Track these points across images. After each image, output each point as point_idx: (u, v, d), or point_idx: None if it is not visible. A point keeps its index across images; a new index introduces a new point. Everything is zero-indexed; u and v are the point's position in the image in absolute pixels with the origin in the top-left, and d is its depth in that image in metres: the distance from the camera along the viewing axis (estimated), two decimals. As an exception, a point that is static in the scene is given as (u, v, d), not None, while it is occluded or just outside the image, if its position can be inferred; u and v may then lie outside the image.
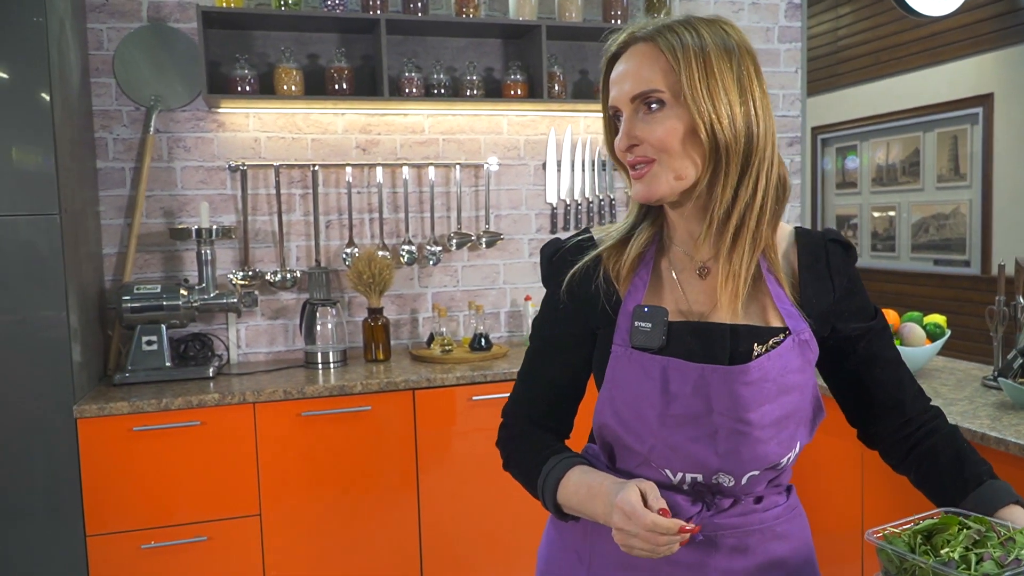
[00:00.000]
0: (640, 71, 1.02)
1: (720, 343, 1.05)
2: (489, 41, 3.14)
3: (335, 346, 2.88)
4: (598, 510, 1.02)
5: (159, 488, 2.43)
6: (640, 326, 1.06)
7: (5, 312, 2.31)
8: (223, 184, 2.94)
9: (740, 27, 3.19)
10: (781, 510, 1.12)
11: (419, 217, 3.14)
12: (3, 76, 2.27)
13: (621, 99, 1.04)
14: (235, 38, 2.88)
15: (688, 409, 1.03)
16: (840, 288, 1.11)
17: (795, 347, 1.05)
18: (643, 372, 1.05)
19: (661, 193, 1.03)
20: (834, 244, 1.12)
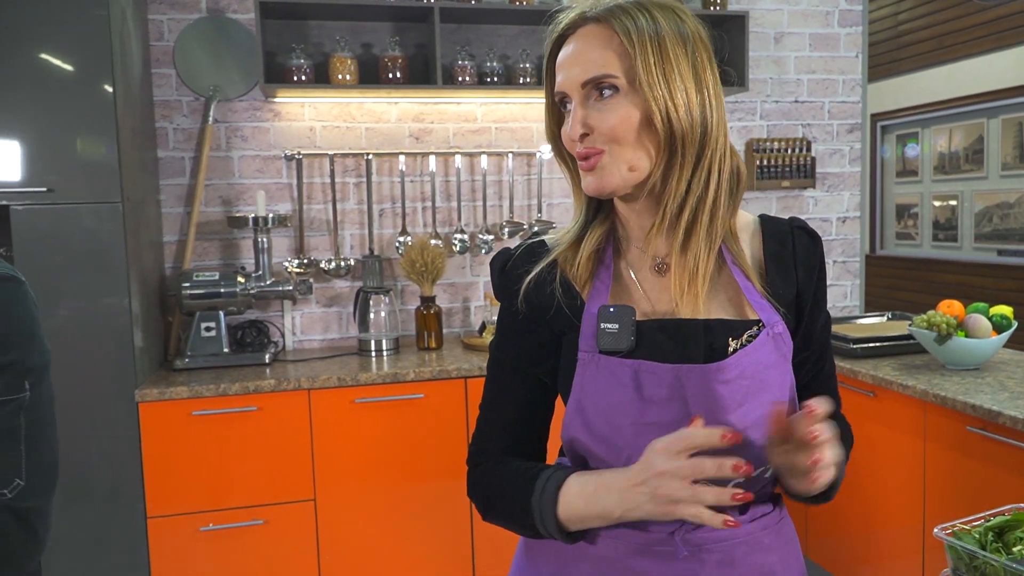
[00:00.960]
0: (592, 54, 0.94)
1: (694, 340, 0.98)
2: (543, 29, 3.11)
3: (388, 334, 2.90)
4: (610, 501, 0.93)
5: (217, 472, 2.48)
6: (606, 328, 0.98)
7: (70, 298, 2.37)
8: (279, 173, 2.98)
9: (800, 11, 3.09)
10: (767, 520, 1.03)
11: (471, 205, 3.14)
12: (68, 67, 2.32)
13: (570, 84, 0.96)
14: (291, 28, 2.91)
15: (664, 415, 0.96)
16: (803, 278, 1.04)
17: (769, 340, 0.99)
18: (613, 378, 0.97)
19: (614, 186, 0.96)
20: (800, 231, 1.05)
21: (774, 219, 1.07)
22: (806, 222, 1.08)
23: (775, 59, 3.36)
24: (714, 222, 0.97)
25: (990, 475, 2.07)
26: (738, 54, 3.08)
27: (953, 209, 5.55)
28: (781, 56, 3.37)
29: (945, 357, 2.44)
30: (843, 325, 2.91)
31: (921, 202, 5.87)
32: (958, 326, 2.42)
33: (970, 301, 2.63)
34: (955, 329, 2.40)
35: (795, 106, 3.40)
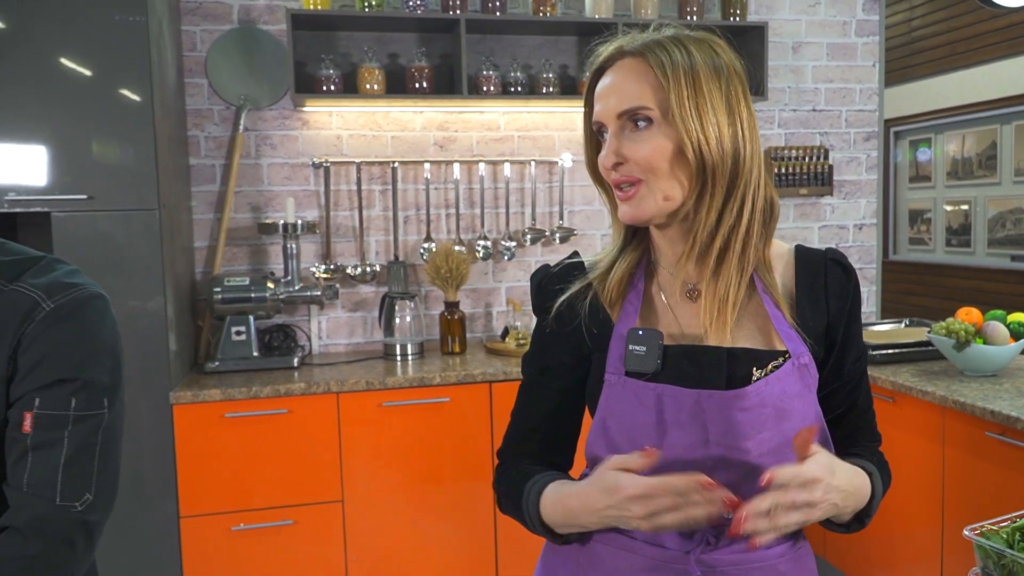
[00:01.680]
0: (628, 86, 0.98)
1: (716, 367, 1.00)
2: (565, 39, 3.18)
3: (413, 338, 2.96)
4: (587, 522, 0.99)
5: (248, 472, 2.54)
6: (635, 349, 1.01)
7: (109, 303, 2.43)
8: (307, 180, 3.04)
9: (818, 21, 3.14)
10: (785, 548, 1.04)
11: (494, 212, 3.20)
12: (107, 78, 2.39)
13: (607, 114, 1.00)
14: (320, 39, 2.97)
15: (684, 438, 0.99)
16: (834, 310, 1.05)
17: (794, 371, 1.01)
18: (637, 401, 1.01)
19: (648, 215, 1.00)
20: (833, 263, 1.07)
21: (809, 250, 1.09)
22: (842, 254, 1.09)
23: (793, 68, 3.41)
24: (746, 251, 1.01)
25: (1008, 479, 2.12)
26: (757, 64, 3.13)
27: (966, 214, 5.58)
28: (799, 65, 3.41)
29: (963, 364, 2.48)
30: (861, 332, 2.95)
31: (934, 207, 5.90)
32: (976, 333, 2.47)
33: (983, 306, 2.67)
34: (973, 336, 2.44)
35: (813, 115, 3.45)
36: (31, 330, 0.97)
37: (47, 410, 0.97)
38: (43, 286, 1.00)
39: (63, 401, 0.98)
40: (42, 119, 2.37)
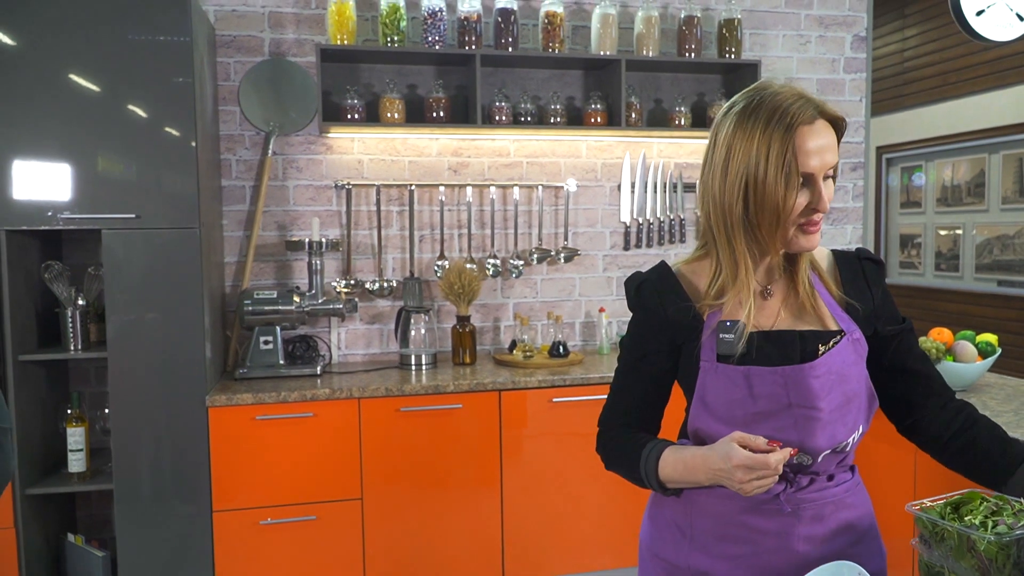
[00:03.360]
0: (833, 147, 1.22)
1: (791, 346, 1.28)
2: (572, 73, 3.41)
3: (427, 349, 3.17)
4: (700, 478, 1.24)
5: (276, 471, 2.74)
6: (724, 337, 1.27)
7: (152, 312, 2.65)
8: (330, 201, 3.27)
9: (808, 59, 3.39)
10: (848, 485, 1.33)
11: (504, 233, 3.42)
12: (154, 107, 2.62)
13: (822, 168, 1.20)
14: (345, 71, 3.21)
15: (771, 405, 1.25)
16: (877, 296, 1.34)
17: (849, 345, 1.29)
18: (729, 381, 1.27)
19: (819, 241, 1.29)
20: (867, 261, 1.36)
21: (844, 252, 1.39)
22: (869, 251, 1.38)
23: (785, 102, 3.63)
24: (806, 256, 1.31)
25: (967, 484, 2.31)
26: (750, 98, 3.35)
27: (955, 240, 5.79)
28: (790, 99, 3.64)
29: (936, 379, 2.69)
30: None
31: (924, 232, 6.12)
32: (947, 351, 2.68)
33: (970, 329, 2.88)
34: (944, 354, 2.65)
35: (803, 145, 3.67)
36: None
37: None
38: None
39: None
40: (90, 141, 2.59)
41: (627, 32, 3.41)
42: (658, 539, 1.40)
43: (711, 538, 1.32)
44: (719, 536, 1.31)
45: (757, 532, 1.29)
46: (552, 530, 2.96)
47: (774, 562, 1.29)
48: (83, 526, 3.09)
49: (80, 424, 2.76)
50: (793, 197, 1.19)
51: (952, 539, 1.21)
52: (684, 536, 1.35)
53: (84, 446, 2.77)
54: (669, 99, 3.47)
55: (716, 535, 1.31)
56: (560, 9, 3.20)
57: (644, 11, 3.29)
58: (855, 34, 3.69)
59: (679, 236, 3.55)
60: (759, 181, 1.19)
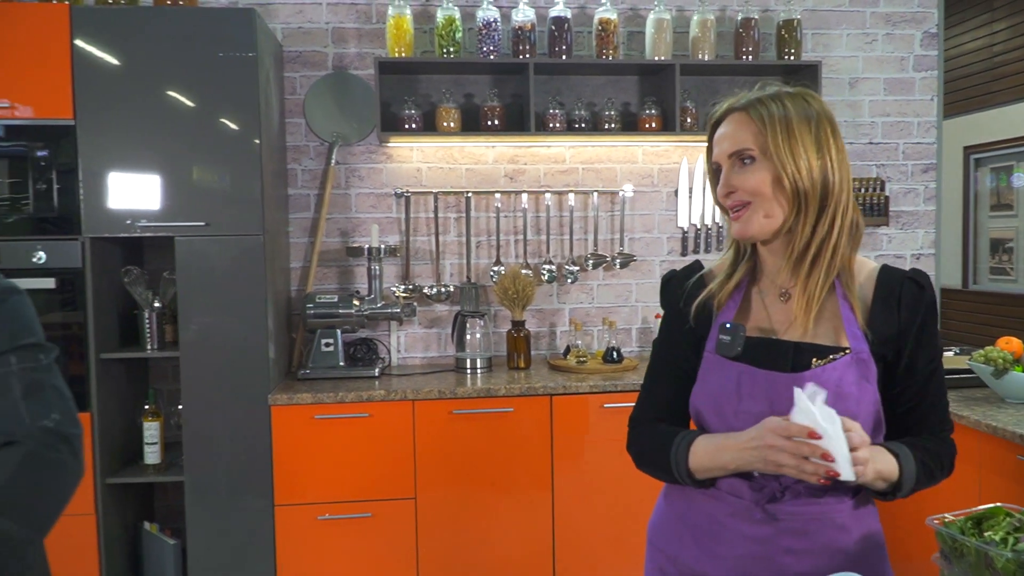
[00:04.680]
0: (736, 134, 1.28)
1: (783, 356, 1.29)
2: (626, 78, 3.43)
3: (482, 353, 3.24)
4: (727, 457, 1.26)
5: (334, 468, 2.85)
6: (723, 338, 1.33)
7: (219, 315, 2.81)
8: (390, 208, 3.38)
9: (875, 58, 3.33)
10: (844, 504, 1.29)
11: (559, 239, 3.46)
12: (224, 121, 2.78)
13: (721, 156, 1.30)
14: (403, 82, 3.31)
15: (755, 407, 1.27)
16: (905, 319, 1.28)
17: (853, 364, 1.26)
18: (723, 373, 1.32)
19: (753, 230, 1.28)
20: (910, 281, 1.30)
21: (894, 269, 1.33)
22: (923, 274, 1.32)
23: (849, 103, 3.55)
24: (833, 260, 1.27)
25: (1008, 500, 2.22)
26: (811, 101, 3.29)
27: (1050, 244, 5.49)
28: (856, 100, 3.56)
29: (1002, 390, 2.58)
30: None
31: (1017, 237, 5.82)
32: (1015, 361, 2.57)
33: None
34: (1011, 364, 2.54)
35: (869, 147, 3.58)
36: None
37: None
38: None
39: (4, 363, 1.20)
40: (164, 152, 2.76)
41: (683, 36, 3.40)
42: (663, 530, 1.43)
43: (703, 534, 1.35)
44: (709, 533, 1.34)
45: (742, 536, 1.30)
46: (603, 535, 2.98)
47: (758, 569, 1.29)
48: (159, 515, 3.28)
49: (155, 419, 2.94)
50: (713, 185, 1.35)
51: (971, 555, 1.18)
52: (685, 529, 1.38)
53: (159, 440, 2.95)
54: (727, 103, 3.43)
55: (707, 532, 1.34)
56: (614, 16, 3.22)
57: (700, 15, 3.27)
58: (925, 31, 3.57)
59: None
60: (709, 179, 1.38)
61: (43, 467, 1.15)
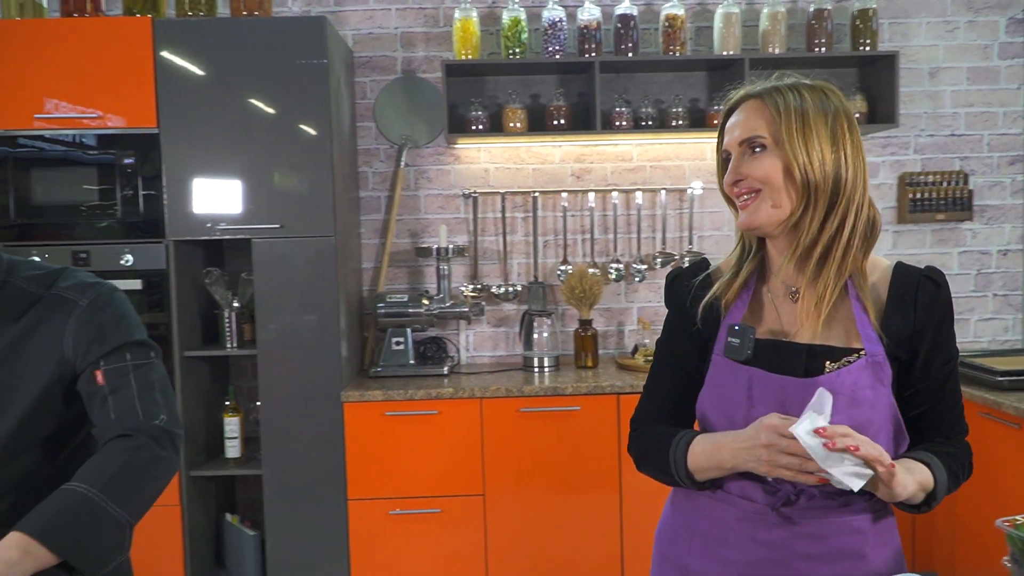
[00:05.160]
0: (748, 121, 1.24)
1: (796, 359, 1.24)
2: (694, 74, 3.38)
3: (549, 352, 3.25)
4: (724, 456, 1.21)
5: (403, 464, 2.91)
6: (731, 341, 1.27)
7: (292, 314, 2.90)
8: (458, 209, 3.43)
9: (956, 46, 3.21)
10: (861, 509, 1.24)
11: (627, 238, 3.45)
12: (297, 126, 2.86)
13: (732, 143, 1.26)
14: (470, 84, 3.35)
15: (764, 412, 1.20)
16: (921, 319, 1.23)
17: (867, 367, 1.21)
18: (732, 378, 1.27)
19: (760, 221, 1.23)
20: (927, 280, 1.25)
21: (908, 267, 1.28)
22: (939, 272, 1.27)
23: (930, 94, 3.43)
24: (845, 259, 1.22)
25: None
26: (888, 92, 3.20)
27: None
28: (936, 91, 3.43)
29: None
30: (992, 358, 2.94)
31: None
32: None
33: None
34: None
35: (951, 139, 3.45)
36: (73, 322, 1.27)
37: (111, 365, 1.28)
38: (74, 289, 1.32)
39: (120, 358, 1.29)
40: (241, 158, 2.87)
41: (752, 30, 3.34)
42: (669, 537, 1.40)
43: (711, 540, 1.31)
44: (719, 540, 1.30)
45: (750, 541, 1.26)
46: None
47: (770, 574, 1.25)
48: (240, 507, 3.41)
49: (235, 414, 3.06)
50: (720, 176, 1.30)
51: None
52: (692, 536, 1.34)
53: (239, 434, 3.06)
54: (799, 97, 3.35)
55: (716, 538, 1.30)
56: (681, 11, 3.19)
57: (770, 7, 3.21)
58: (1011, 16, 3.41)
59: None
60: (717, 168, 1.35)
61: (149, 461, 1.24)
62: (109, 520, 1.17)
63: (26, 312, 1.28)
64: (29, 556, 1.09)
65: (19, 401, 1.25)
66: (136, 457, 1.22)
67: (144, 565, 2.88)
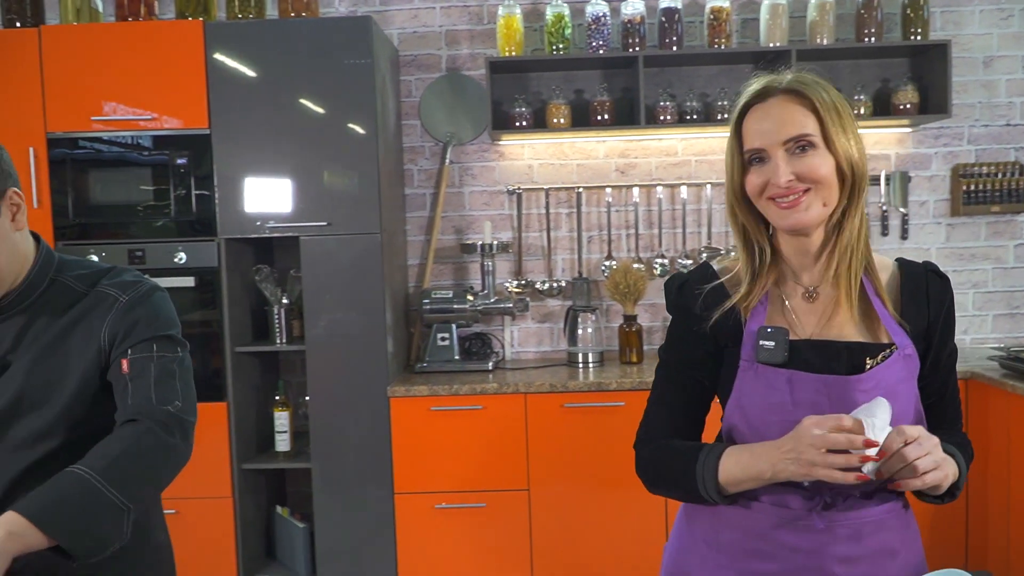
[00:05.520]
0: (792, 118, 1.18)
1: (837, 357, 1.22)
2: (740, 67, 3.35)
3: (594, 348, 3.25)
4: (763, 467, 1.16)
5: (448, 458, 2.94)
6: (764, 344, 1.22)
7: (338, 311, 2.94)
8: (502, 205, 3.44)
9: (1011, 34, 3.16)
10: (892, 507, 1.23)
11: (672, 233, 3.43)
12: (343, 125, 2.91)
13: (772, 143, 1.18)
14: (514, 80, 3.36)
15: (811, 414, 1.15)
16: (933, 312, 1.26)
17: (900, 360, 1.22)
18: (769, 384, 1.22)
19: (812, 219, 1.19)
20: (932, 274, 1.28)
21: (911, 262, 1.31)
22: (937, 266, 1.30)
23: (984, 83, 3.34)
24: (859, 251, 1.22)
25: None
26: (940, 81, 3.12)
27: None
28: (991, 80, 3.34)
29: None
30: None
31: None
32: None
33: None
34: None
35: (1006, 129, 3.36)
36: (112, 316, 1.33)
37: (137, 355, 1.33)
38: (116, 286, 1.37)
39: (147, 348, 1.34)
40: (289, 157, 2.92)
41: (799, 21, 3.29)
42: (685, 554, 1.35)
43: (740, 553, 1.26)
44: (748, 551, 1.25)
45: (788, 549, 1.22)
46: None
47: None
48: (290, 500, 3.47)
49: (285, 409, 3.12)
50: (740, 176, 1.23)
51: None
52: (712, 551, 1.29)
53: (288, 428, 3.12)
54: (848, 87, 3.30)
55: (745, 550, 1.25)
56: (726, 4, 3.16)
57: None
58: (1071, 2, 3.31)
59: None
60: (727, 168, 1.26)
61: (153, 447, 1.26)
62: (107, 504, 1.17)
63: (71, 307, 1.34)
64: (16, 537, 1.08)
65: (66, 388, 1.30)
66: (140, 442, 1.24)
67: (198, 555, 2.96)
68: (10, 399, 1.29)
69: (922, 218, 3.41)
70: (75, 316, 1.33)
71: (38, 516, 1.11)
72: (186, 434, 1.33)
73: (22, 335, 1.32)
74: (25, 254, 1.34)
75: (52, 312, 1.33)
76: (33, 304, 1.33)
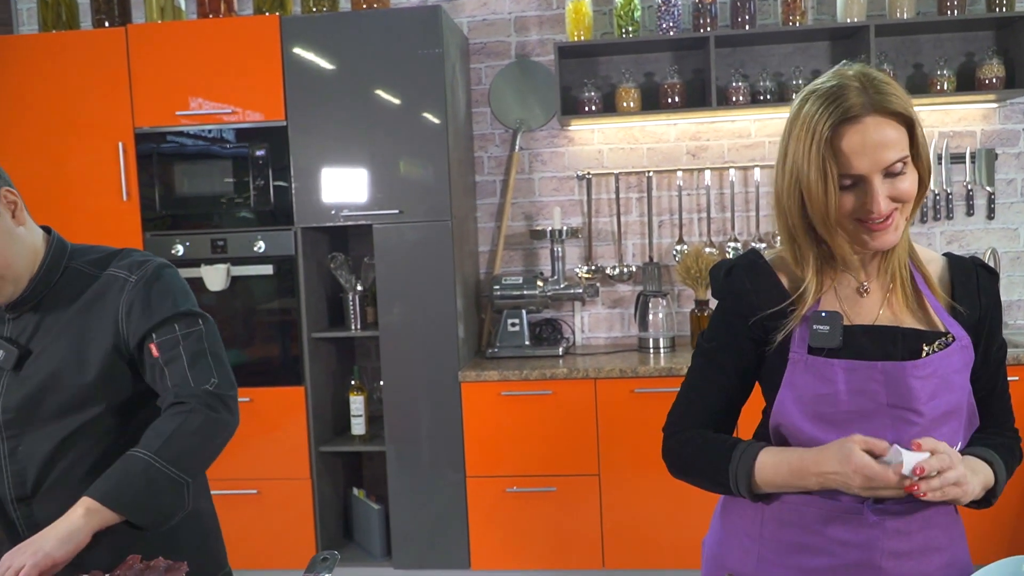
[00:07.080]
0: (892, 141, 1.12)
1: (893, 343, 1.19)
2: (816, 44, 3.25)
3: (665, 333, 3.23)
4: (809, 483, 1.15)
5: (519, 443, 2.97)
6: (819, 329, 1.19)
7: (410, 298, 3.00)
8: (572, 191, 3.44)
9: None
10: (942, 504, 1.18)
11: (745, 216, 3.36)
12: (413, 115, 2.95)
13: (873, 169, 1.11)
14: (583, 65, 3.35)
15: (865, 404, 1.16)
16: (984, 306, 1.25)
17: (958, 350, 1.20)
18: (821, 374, 1.18)
19: (898, 237, 1.17)
20: (981, 268, 1.27)
21: (959, 257, 1.30)
22: (981, 259, 1.32)
23: (1082, 53, 3.16)
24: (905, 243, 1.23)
25: None
26: (1032, 54, 2.97)
27: None
28: (1090, 50, 3.15)
29: None
30: None
31: None
32: None
33: None
34: None
35: (1107, 102, 3.17)
36: (124, 297, 1.38)
37: (163, 338, 1.38)
38: (124, 267, 1.42)
39: (171, 330, 1.39)
40: (362, 147, 2.98)
41: (880, -5, 3.17)
42: (726, 548, 1.32)
43: (785, 548, 1.23)
44: (794, 546, 1.22)
45: (837, 543, 1.19)
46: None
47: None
48: (366, 482, 3.57)
49: (360, 393, 3.20)
50: (834, 199, 1.13)
51: None
52: (755, 546, 1.26)
53: (363, 412, 3.20)
54: (930, 62, 3.17)
55: (791, 545, 1.22)
56: (802, -21, 3.07)
57: (899, -30, 3.04)
58: None
59: (945, 212, 3.24)
60: (805, 182, 1.14)
61: (201, 424, 1.35)
62: (166, 480, 1.29)
63: (85, 290, 1.41)
64: (93, 515, 1.24)
65: (91, 360, 1.38)
66: (188, 421, 1.33)
67: (278, 535, 3.08)
68: (37, 383, 1.37)
69: (1009, 197, 3.25)
70: (90, 298, 1.41)
71: (105, 497, 1.25)
72: (229, 408, 1.40)
73: (41, 322, 1.40)
74: (35, 247, 1.41)
75: (69, 297, 1.41)
76: (50, 292, 1.41)
